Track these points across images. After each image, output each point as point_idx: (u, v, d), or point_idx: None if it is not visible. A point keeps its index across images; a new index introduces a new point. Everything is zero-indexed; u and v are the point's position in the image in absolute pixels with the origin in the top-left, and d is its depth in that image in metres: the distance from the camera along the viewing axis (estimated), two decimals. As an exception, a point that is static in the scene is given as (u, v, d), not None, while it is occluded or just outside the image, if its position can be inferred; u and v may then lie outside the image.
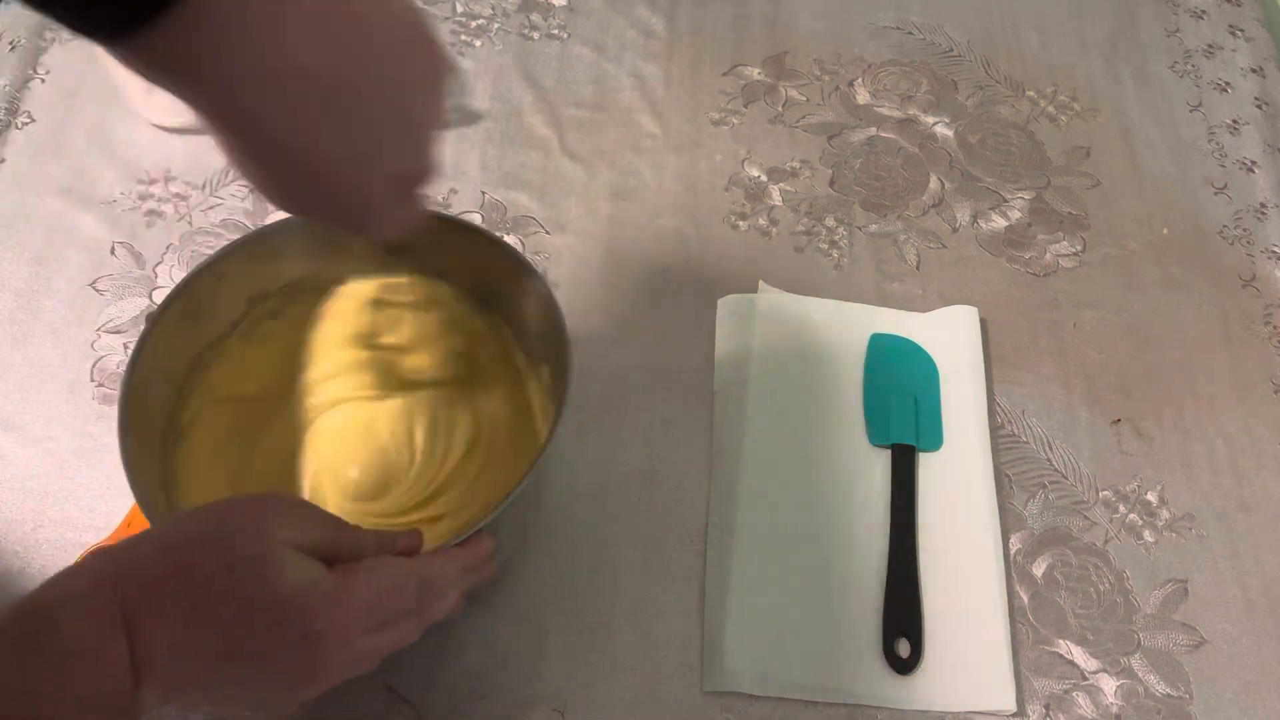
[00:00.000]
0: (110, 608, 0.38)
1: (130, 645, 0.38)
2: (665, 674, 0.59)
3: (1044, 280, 0.77)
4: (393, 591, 0.44)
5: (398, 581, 0.44)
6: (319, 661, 0.42)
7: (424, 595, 0.46)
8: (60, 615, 0.37)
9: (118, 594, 0.38)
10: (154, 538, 0.41)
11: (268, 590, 0.40)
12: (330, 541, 0.43)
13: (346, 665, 0.43)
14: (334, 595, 0.42)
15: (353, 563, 0.43)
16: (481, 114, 0.82)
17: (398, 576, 0.45)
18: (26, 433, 0.65)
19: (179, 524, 0.42)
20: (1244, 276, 0.78)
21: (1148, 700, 0.60)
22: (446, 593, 0.47)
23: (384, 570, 0.44)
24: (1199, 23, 0.93)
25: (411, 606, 0.45)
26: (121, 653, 0.37)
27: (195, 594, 0.39)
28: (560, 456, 0.66)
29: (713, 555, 0.63)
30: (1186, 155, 0.84)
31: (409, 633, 0.46)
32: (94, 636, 0.37)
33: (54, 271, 0.71)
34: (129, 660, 0.38)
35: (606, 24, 0.88)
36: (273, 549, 0.41)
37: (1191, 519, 0.67)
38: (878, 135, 0.84)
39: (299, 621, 0.40)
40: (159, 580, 0.39)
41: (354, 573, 0.43)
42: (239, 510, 0.42)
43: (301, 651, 0.41)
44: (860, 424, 0.69)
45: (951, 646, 0.61)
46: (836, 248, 0.77)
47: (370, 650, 0.44)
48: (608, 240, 0.76)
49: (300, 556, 0.41)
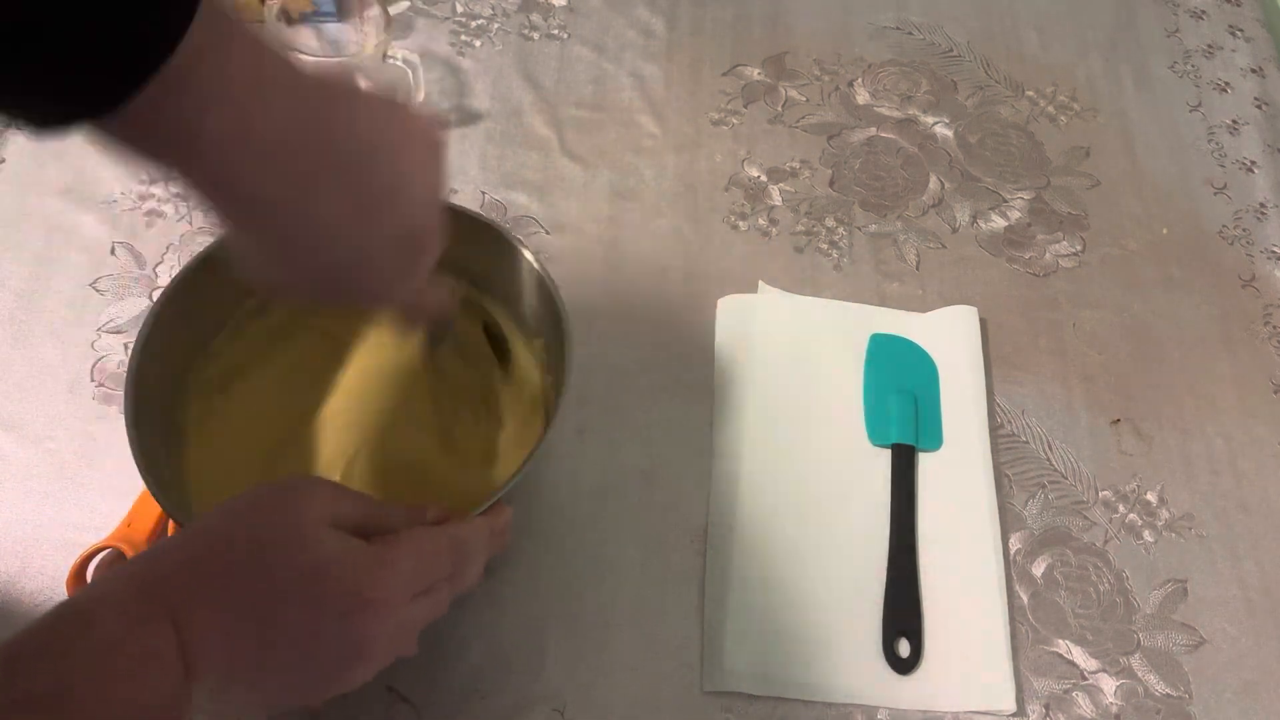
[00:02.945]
0: (150, 604, 0.38)
1: (179, 641, 0.37)
2: (665, 674, 0.59)
3: (1044, 280, 0.77)
4: (433, 556, 0.45)
5: (436, 547, 0.45)
6: (368, 633, 0.41)
7: (459, 561, 0.46)
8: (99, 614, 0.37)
9: (159, 593, 0.38)
10: (187, 535, 0.41)
11: (305, 559, 0.40)
12: (362, 517, 0.44)
13: (393, 640, 0.43)
14: (379, 562, 0.42)
15: (391, 535, 0.44)
16: (481, 114, 0.82)
17: (436, 542, 0.45)
18: (26, 433, 0.65)
19: (210, 518, 0.42)
20: (1244, 276, 0.78)
21: (1147, 700, 0.60)
22: (477, 558, 0.48)
23: (423, 538, 0.44)
24: (1199, 23, 0.93)
25: (448, 572, 0.46)
26: (166, 646, 0.37)
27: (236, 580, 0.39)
28: (560, 456, 0.66)
29: (713, 555, 0.63)
30: (1186, 155, 0.85)
31: (442, 602, 0.46)
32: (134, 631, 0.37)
33: (54, 271, 0.71)
34: (177, 654, 0.37)
35: (606, 24, 0.88)
36: (307, 522, 0.41)
37: (1191, 519, 0.67)
38: (877, 135, 0.84)
39: (345, 590, 0.41)
40: (198, 573, 0.39)
41: (396, 541, 0.43)
42: (269, 494, 0.43)
43: (349, 622, 0.41)
44: (860, 424, 0.69)
45: (951, 646, 0.61)
46: (836, 248, 0.77)
47: (412, 620, 0.44)
48: (608, 240, 0.76)
49: (334, 531, 0.42)
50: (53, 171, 0.75)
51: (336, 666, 0.42)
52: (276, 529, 0.41)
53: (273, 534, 0.41)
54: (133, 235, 0.73)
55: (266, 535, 0.41)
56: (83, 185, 0.75)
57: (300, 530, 0.41)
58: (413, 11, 0.87)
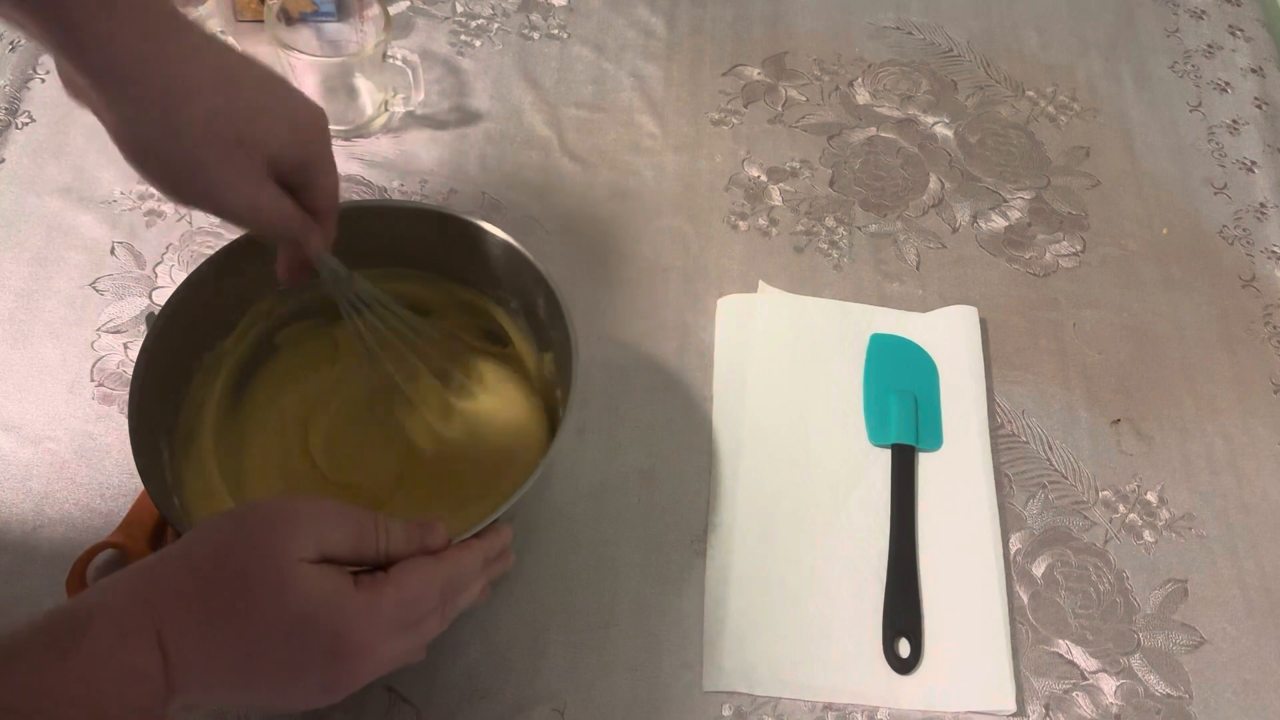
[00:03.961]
0: (139, 619, 0.38)
1: (165, 659, 0.38)
2: (665, 674, 0.59)
3: (1044, 280, 0.77)
4: (420, 598, 0.44)
5: (426, 587, 0.45)
6: (350, 673, 0.42)
7: (448, 595, 0.46)
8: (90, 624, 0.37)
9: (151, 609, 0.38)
10: (177, 554, 0.41)
11: (288, 610, 0.40)
12: (353, 544, 0.43)
13: (375, 669, 0.43)
14: (362, 612, 0.42)
15: (380, 574, 0.43)
16: (481, 114, 0.82)
17: (427, 581, 0.45)
18: (26, 433, 0.64)
19: (200, 537, 0.42)
20: (1244, 276, 0.78)
21: (1147, 700, 0.60)
22: (470, 587, 0.48)
23: (411, 579, 0.44)
24: (1199, 23, 0.93)
25: (436, 606, 0.45)
26: (150, 664, 0.38)
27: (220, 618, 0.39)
28: (560, 457, 0.66)
29: (713, 555, 0.63)
30: (1186, 155, 0.84)
31: (432, 629, 0.46)
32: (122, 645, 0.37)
33: (54, 271, 0.71)
34: (162, 671, 0.38)
35: (606, 24, 0.88)
36: (286, 567, 0.40)
37: (1191, 519, 0.67)
38: (877, 135, 0.84)
39: (325, 637, 0.41)
40: (186, 599, 0.39)
41: (382, 586, 0.43)
42: (254, 524, 0.42)
43: (330, 664, 0.41)
44: (860, 424, 0.69)
45: (951, 646, 0.61)
46: (836, 248, 0.77)
47: (397, 654, 0.44)
48: (608, 240, 0.76)
49: (321, 573, 0.41)
50: (52, 171, 0.75)
51: (315, 696, 0.43)
52: (260, 567, 0.40)
53: (258, 572, 0.40)
54: (132, 235, 0.73)
55: (251, 571, 0.40)
56: (82, 185, 0.75)
57: (282, 570, 0.40)
58: (413, 11, 0.87)
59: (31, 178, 0.75)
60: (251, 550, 0.41)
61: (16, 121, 0.77)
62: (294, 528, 0.41)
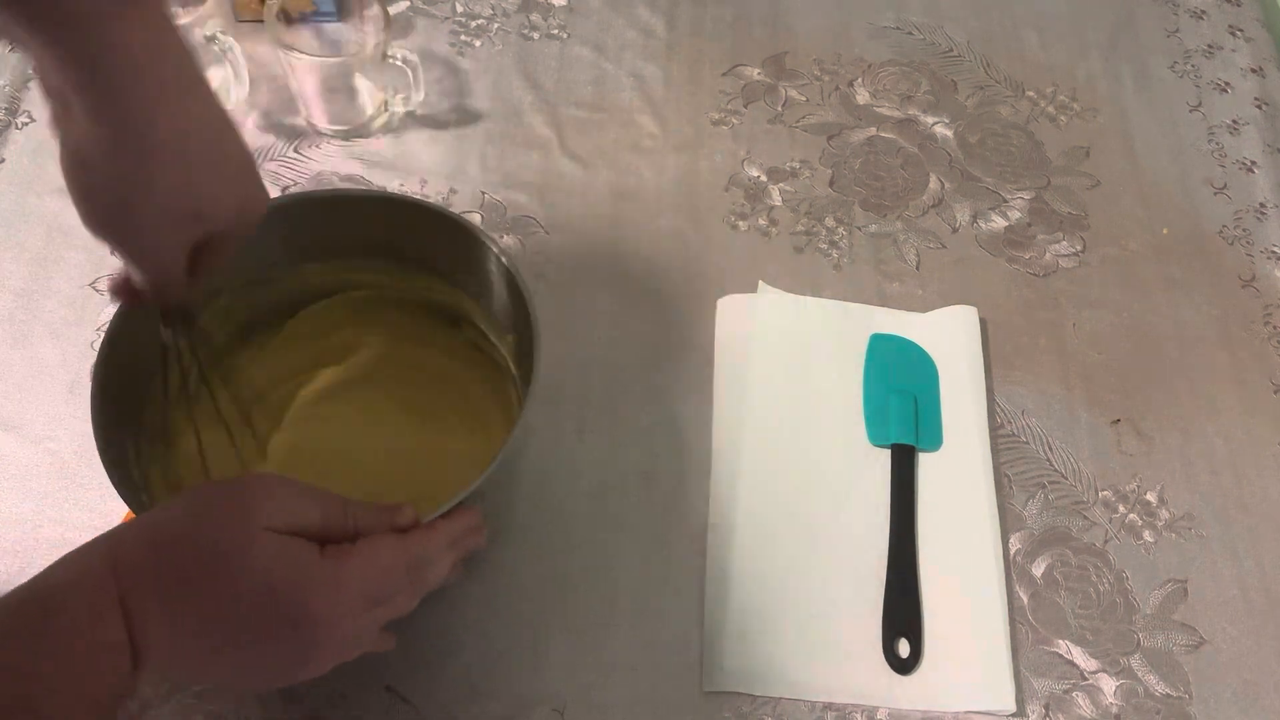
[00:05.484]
0: (108, 593, 0.38)
1: (129, 631, 0.38)
2: (665, 674, 0.59)
3: (1044, 280, 0.77)
4: (386, 571, 0.44)
5: (392, 561, 0.45)
6: (315, 644, 0.42)
7: (415, 572, 0.46)
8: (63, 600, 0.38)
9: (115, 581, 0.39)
10: (140, 528, 0.42)
11: (254, 580, 0.40)
12: (320, 519, 0.43)
13: (343, 645, 0.43)
14: (327, 581, 0.42)
15: (346, 545, 0.43)
16: (481, 114, 0.82)
17: (392, 556, 0.45)
18: (26, 433, 0.65)
19: (164, 513, 0.42)
20: (1244, 277, 0.78)
21: (1147, 700, 0.60)
22: (437, 564, 0.48)
23: (377, 551, 0.44)
24: (1199, 23, 0.93)
25: (403, 584, 0.45)
26: (120, 637, 0.38)
27: (184, 586, 0.40)
28: (560, 456, 0.66)
29: (713, 555, 0.63)
30: (1186, 155, 0.84)
31: (403, 605, 0.46)
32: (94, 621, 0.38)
33: (54, 271, 0.71)
34: (128, 644, 0.38)
35: (606, 24, 0.88)
36: (253, 536, 0.41)
37: (1191, 519, 0.67)
38: (877, 135, 0.84)
39: (291, 606, 0.41)
40: (149, 572, 0.40)
41: (347, 557, 0.43)
42: (220, 496, 0.42)
43: (296, 636, 0.41)
44: (860, 424, 0.69)
45: (951, 646, 0.61)
46: (836, 248, 0.77)
47: (365, 628, 0.44)
48: (608, 240, 0.76)
49: (285, 540, 0.41)
50: (52, 171, 0.75)
51: (282, 670, 0.43)
52: (229, 536, 0.41)
53: (225, 541, 0.41)
54: (133, 235, 0.73)
55: (220, 541, 0.41)
56: (83, 185, 0.75)
57: (251, 539, 0.41)
58: (413, 11, 0.87)
59: (31, 178, 0.75)
60: (219, 517, 0.41)
61: (16, 121, 0.78)
62: (263, 498, 0.42)
